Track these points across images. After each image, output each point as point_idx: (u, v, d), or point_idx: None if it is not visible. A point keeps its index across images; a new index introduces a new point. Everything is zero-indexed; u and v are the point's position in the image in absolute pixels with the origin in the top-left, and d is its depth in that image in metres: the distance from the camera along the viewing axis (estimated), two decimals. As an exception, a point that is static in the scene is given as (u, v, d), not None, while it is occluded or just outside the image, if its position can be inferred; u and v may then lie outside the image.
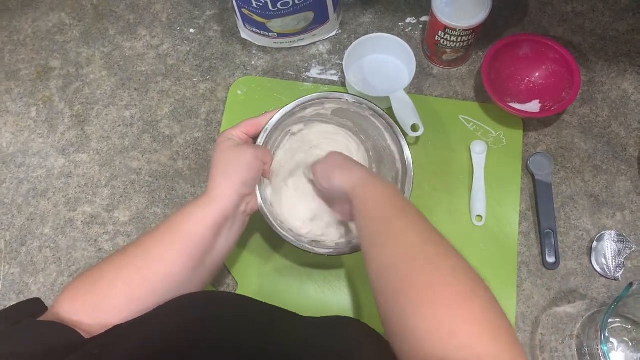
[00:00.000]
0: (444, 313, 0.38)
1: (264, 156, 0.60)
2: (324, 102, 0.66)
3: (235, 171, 0.56)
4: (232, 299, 0.55)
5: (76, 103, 0.80)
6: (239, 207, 0.57)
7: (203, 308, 0.48)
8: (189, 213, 0.54)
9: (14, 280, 0.71)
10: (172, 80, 0.81)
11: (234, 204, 0.55)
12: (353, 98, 0.65)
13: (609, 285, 0.68)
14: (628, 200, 0.71)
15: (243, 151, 0.57)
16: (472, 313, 0.38)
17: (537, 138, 0.75)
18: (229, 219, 0.56)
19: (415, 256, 0.44)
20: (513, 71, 0.76)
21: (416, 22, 0.82)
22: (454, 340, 0.36)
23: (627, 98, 0.76)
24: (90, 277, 0.51)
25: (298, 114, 0.66)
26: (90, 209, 0.74)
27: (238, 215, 0.57)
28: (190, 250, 0.53)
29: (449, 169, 0.73)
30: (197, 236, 0.53)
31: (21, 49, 0.84)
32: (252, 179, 0.58)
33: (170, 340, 0.41)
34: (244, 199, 0.58)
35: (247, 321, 0.46)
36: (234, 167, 0.56)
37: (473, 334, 0.37)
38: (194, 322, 0.44)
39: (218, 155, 0.57)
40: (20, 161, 0.77)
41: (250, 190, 0.59)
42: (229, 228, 0.56)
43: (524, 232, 0.70)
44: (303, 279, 0.70)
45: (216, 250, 0.56)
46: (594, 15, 0.81)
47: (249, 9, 0.72)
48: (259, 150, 0.59)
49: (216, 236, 0.55)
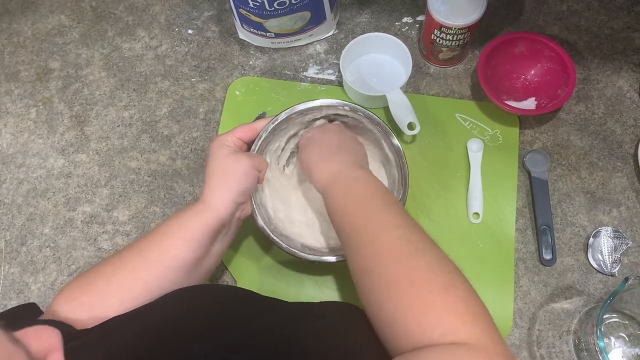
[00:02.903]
0: (428, 305, 0.41)
1: (260, 165, 0.60)
2: (321, 109, 0.66)
3: (233, 181, 0.56)
4: (230, 290, 0.57)
5: (75, 104, 0.81)
6: (235, 214, 0.58)
7: (202, 298, 0.49)
8: (186, 220, 0.54)
9: (14, 280, 0.72)
10: (171, 80, 0.81)
11: (230, 213, 0.56)
12: (349, 106, 0.65)
13: (605, 281, 0.68)
14: (624, 197, 0.72)
15: (240, 160, 0.57)
16: (452, 303, 0.41)
17: (533, 135, 0.75)
18: (225, 226, 0.56)
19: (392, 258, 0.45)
20: (509, 69, 0.76)
21: (412, 22, 0.82)
22: (439, 328, 0.40)
23: (622, 95, 0.77)
24: (86, 278, 0.52)
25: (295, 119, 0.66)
26: (89, 208, 0.75)
27: (233, 221, 0.58)
28: (186, 256, 0.53)
29: (446, 167, 0.74)
30: (194, 242, 0.53)
31: (21, 51, 0.85)
32: (249, 188, 0.58)
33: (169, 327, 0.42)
34: (239, 206, 0.58)
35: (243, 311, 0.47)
36: (231, 176, 0.56)
37: (456, 321, 0.40)
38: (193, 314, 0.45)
39: (214, 163, 0.57)
40: (20, 162, 0.78)
41: (246, 198, 0.59)
42: (224, 234, 0.58)
43: (520, 229, 0.71)
44: (302, 278, 0.70)
45: (211, 254, 0.57)
46: (589, 13, 0.81)
47: (246, 9, 0.73)
48: (255, 159, 0.59)
49: (212, 242, 0.56)
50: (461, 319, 0.40)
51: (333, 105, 0.65)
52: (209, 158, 0.57)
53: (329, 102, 0.65)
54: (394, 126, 0.72)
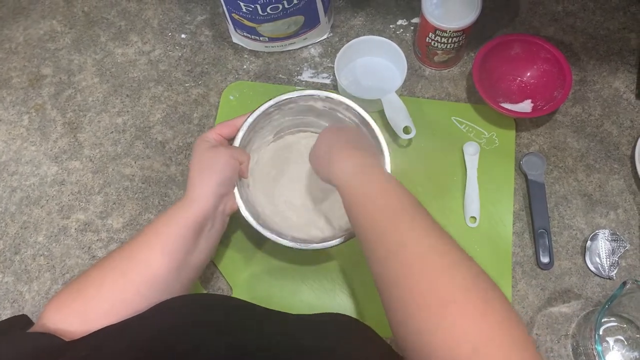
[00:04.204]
0: (460, 332, 0.37)
1: (240, 155, 0.61)
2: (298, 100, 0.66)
3: (212, 172, 0.57)
4: (222, 300, 0.56)
5: (68, 110, 0.80)
6: (218, 208, 0.58)
7: (193, 310, 0.49)
8: (170, 216, 0.55)
9: (8, 289, 0.71)
10: (164, 86, 0.81)
11: (212, 204, 0.57)
12: (324, 94, 0.66)
13: (603, 285, 0.68)
14: (621, 199, 0.71)
15: (218, 152, 0.59)
16: (488, 330, 0.37)
17: (529, 138, 0.75)
18: (208, 219, 0.57)
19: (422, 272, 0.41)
20: (504, 71, 0.76)
21: (407, 24, 0.82)
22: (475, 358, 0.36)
23: (618, 97, 0.76)
24: (76, 285, 0.52)
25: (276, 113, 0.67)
26: (83, 216, 0.74)
27: (217, 215, 0.59)
28: (172, 251, 0.54)
29: (442, 171, 0.73)
30: (178, 237, 0.54)
31: (13, 57, 0.84)
32: (229, 178, 0.59)
33: (159, 342, 0.42)
34: (222, 199, 0.59)
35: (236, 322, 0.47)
36: (210, 168, 0.58)
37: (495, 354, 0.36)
38: (184, 325, 0.45)
39: (194, 158, 0.59)
40: (12, 169, 0.77)
41: (227, 189, 0.60)
42: (209, 229, 0.58)
43: (517, 233, 0.70)
44: (297, 282, 0.69)
45: (198, 250, 0.57)
46: (584, 14, 0.81)
47: (239, 14, 0.72)
48: (234, 150, 0.61)
49: (197, 236, 0.56)
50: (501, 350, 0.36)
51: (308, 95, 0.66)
52: (192, 155, 0.60)
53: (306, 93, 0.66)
54: (390, 130, 0.72)
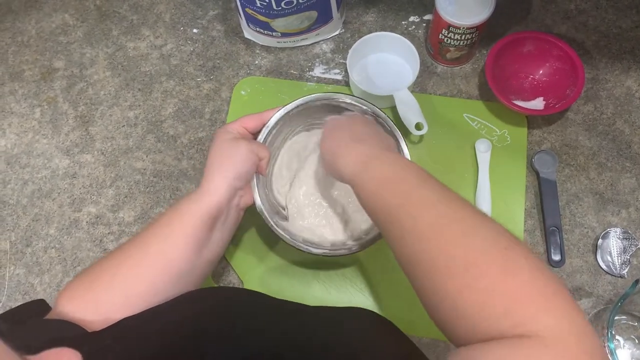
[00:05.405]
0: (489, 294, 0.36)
1: (260, 150, 0.59)
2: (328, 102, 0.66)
3: (229, 164, 0.56)
4: (242, 292, 0.56)
5: (80, 104, 0.80)
6: (232, 200, 0.57)
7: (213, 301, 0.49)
8: (183, 207, 0.55)
9: (20, 281, 0.72)
10: (176, 80, 0.81)
11: (226, 197, 0.56)
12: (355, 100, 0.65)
13: (614, 283, 0.68)
14: (633, 198, 0.71)
15: (238, 144, 0.57)
16: (517, 288, 0.36)
17: (541, 136, 0.75)
18: (222, 212, 0.56)
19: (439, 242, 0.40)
20: (517, 69, 0.76)
21: (419, 21, 0.82)
22: (508, 319, 0.35)
23: (631, 95, 0.76)
24: (88, 276, 0.52)
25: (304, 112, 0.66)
26: (95, 209, 0.75)
27: (232, 208, 0.58)
28: (185, 243, 0.53)
29: (454, 168, 0.73)
30: (192, 229, 0.53)
31: (25, 50, 0.84)
32: (246, 172, 0.58)
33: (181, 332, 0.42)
34: (237, 192, 0.58)
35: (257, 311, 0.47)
36: (228, 160, 0.56)
37: (526, 310, 0.35)
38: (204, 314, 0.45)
39: (214, 149, 0.58)
40: (24, 162, 0.77)
41: (243, 183, 0.58)
42: (222, 221, 0.57)
43: (529, 230, 0.70)
44: (308, 278, 0.69)
45: (212, 242, 0.56)
46: (597, 12, 0.81)
47: (253, 9, 0.72)
48: (254, 144, 0.59)
49: (211, 229, 0.55)
50: (532, 307, 0.35)
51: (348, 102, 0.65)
52: (211, 145, 0.58)
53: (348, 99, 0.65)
54: (402, 126, 0.72)
